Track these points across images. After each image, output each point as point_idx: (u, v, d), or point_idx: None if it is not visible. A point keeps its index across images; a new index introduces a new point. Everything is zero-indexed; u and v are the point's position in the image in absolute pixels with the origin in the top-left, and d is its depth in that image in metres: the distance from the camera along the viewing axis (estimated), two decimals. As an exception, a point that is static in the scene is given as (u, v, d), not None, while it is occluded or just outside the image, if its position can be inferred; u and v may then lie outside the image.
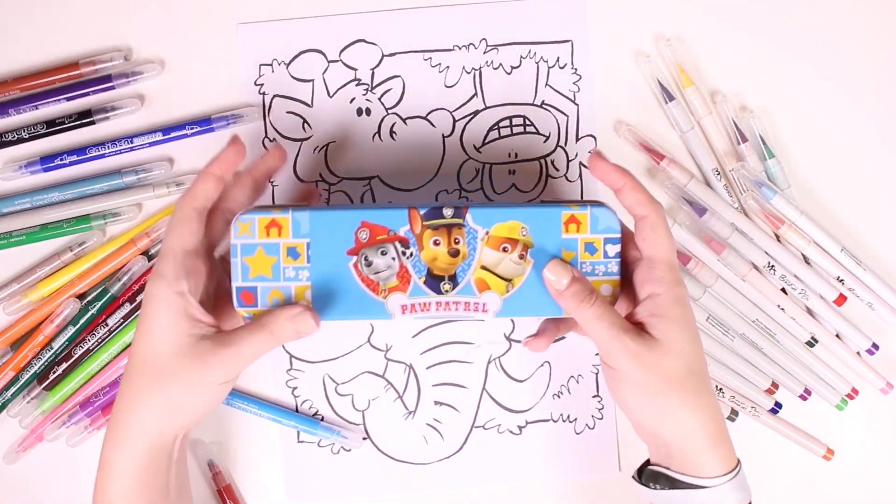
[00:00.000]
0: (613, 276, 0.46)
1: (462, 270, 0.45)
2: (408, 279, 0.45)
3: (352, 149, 0.56)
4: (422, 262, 0.45)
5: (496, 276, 0.45)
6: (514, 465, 0.57)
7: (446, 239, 0.45)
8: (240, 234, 0.44)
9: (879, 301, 0.56)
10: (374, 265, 0.45)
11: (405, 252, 0.45)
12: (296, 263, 0.45)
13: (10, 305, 0.55)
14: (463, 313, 0.45)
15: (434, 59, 0.56)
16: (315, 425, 0.56)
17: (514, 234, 0.45)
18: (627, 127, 0.56)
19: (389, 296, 0.45)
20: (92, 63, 0.55)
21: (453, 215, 0.45)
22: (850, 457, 0.58)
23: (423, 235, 0.45)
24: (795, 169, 0.57)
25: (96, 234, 0.55)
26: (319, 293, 0.45)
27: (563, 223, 0.45)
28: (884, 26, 0.57)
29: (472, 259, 0.45)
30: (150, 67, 0.55)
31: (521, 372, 0.57)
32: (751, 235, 0.55)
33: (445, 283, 0.45)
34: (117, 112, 0.55)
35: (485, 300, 0.45)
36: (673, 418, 0.43)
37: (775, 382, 0.57)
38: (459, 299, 0.45)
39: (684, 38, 0.57)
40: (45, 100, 0.55)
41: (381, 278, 0.45)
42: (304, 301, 0.45)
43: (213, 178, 0.45)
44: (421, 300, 0.45)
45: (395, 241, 0.45)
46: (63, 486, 0.56)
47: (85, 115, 0.55)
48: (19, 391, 0.55)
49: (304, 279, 0.45)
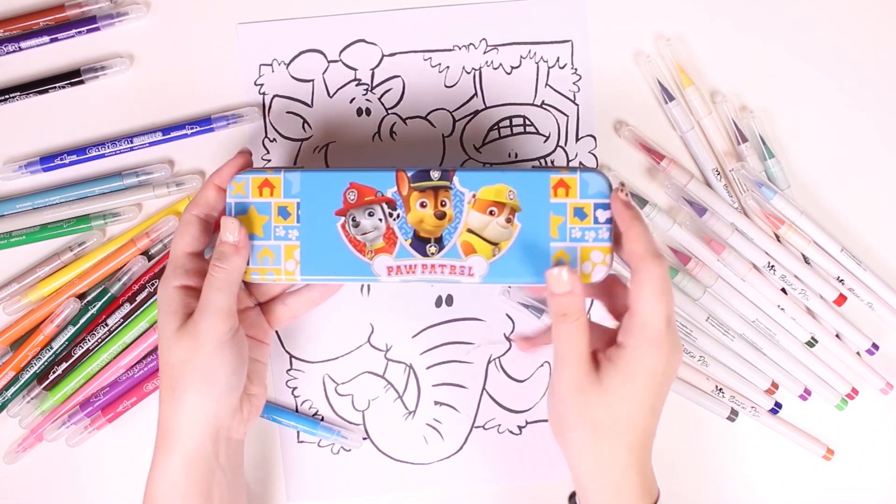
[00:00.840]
0: (604, 243, 0.45)
1: (448, 233, 0.45)
2: (394, 241, 0.45)
3: (352, 149, 0.56)
4: (408, 224, 0.45)
5: (483, 239, 0.45)
6: (514, 465, 0.57)
7: (433, 201, 0.45)
8: (234, 193, 0.46)
9: (879, 301, 0.56)
10: (361, 226, 0.45)
11: (392, 214, 0.45)
12: (286, 223, 0.45)
13: (10, 305, 0.55)
14: (448, 276, 0.45)
15: (434, 59, 0.56)
16: (315, 425, 0.56)
17: (501, 197, 0.45)
18: (627, 127, 0.56)
19: (376, 257, 0.45)
20: (78, 6, 0.55)
21: (440, 178, 0.45)
22: (850, 457, 0.58)
23: (409, 197, 0.45)
24: (795, 169, 0.57)
25: (96, 234, 0.55)
26: (308, 253, 0.45)
27: (551, 187, 0.45)
28: (884, 26, 0.57)
29: (459, 222, 0.45)
30: (135, 9, 0.55)
31: (521, 372, 0.57)
32: (751, 235, 0.55)
33: (431, 246, 0.45)
34: (106, 71, 0.55)
35: (471, 264, 0.45)
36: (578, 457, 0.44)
37: (775, 382, 0.57)
38: (445, 262, 0.45)
39: (684, 38, 0.57)
40: (29, 42, 0.55)
41: (368, 239, 0.45)
42: (294, 260, 0.45)
43: (214, 187, 0.47)
44: (407, 262, 0.45)
45: (383, 203, 0.45)
46: (63, 486, 0.56)
47: (74, 74, 0.55)
48: (19, 391, 0.55)
49: (294, 238, 0.45)
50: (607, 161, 0.57)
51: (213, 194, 0.46)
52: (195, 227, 0.46)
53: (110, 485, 0.56)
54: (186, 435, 0.45)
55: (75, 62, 0.56)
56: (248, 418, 0.48)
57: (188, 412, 0.45)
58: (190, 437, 0.45)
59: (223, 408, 0.45)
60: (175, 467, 0.45)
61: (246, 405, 0.48)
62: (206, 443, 0.45)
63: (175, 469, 0.45)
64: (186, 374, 0.44)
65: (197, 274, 0.46)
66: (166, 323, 0.45)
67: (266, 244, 0.46)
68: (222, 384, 0.45)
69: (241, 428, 0.48)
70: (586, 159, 0.57)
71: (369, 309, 0.56)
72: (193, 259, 0.46)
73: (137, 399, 0.55)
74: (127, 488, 0.56)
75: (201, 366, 0.44)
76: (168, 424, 0.45)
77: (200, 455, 0.45)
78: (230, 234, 0.45)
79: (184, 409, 0.44)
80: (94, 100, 0.56)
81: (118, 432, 0.56)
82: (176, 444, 0.45)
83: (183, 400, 0.44)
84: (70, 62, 0.56)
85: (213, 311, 0.44)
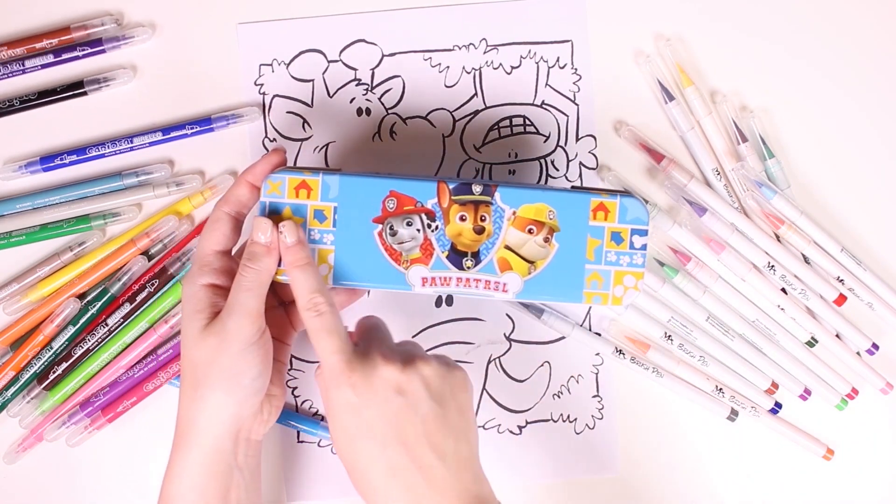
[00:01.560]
0: (638, 269, 0.45)
1: (486, 248, 0.45)
2: (431, 252, 0.45)
3: (352, 149, 0.56)
4: (446, 237, 0.45)
5: (519, 256, 0.45)
6: (514, 465, 0.57)
7: (473, 215, 0.45)
8: (269, 192, 0.45)
9: (879, 301, 0.56)
10: (398, 235, 0.45)
11: (430, 225, 0.45)
12: (322, 226, 0.45)
13: (10, 305, 0.55)
14: (483, 291, 0.45)
15: (434, 59, 0.56)
16: (315, 425, 0.56)
17: (541, 216, 0.45)
18: (627, 127, 0.56)
19: (411, 267, 0.45)
20: (84, 28, 0.55)
21: (482, 192, 0.45)
22: (850, 457, 0.58)
23: (449, 210, 0.45)
24: (795, 169, 0.57)
25: (96, 234, 0.55)
26: (343, 258, 0.45)
27: (591, 210, 0.45)
28: (884, 26, 0.57)
29: (497, 238, 0.45)
30: (141, 31, 0.55)
31: (521, 372, 0.57)
32: (751, 235, 0.55)
33: (468, 260, 0.45)
34: (109, 83, 0.55)
35: (506, 280, 0.45)
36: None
37: (775, 382, 0.57)
38: (480, 277, 0.45)
39: (684, 38, 0.57)
40: (34, 63, 0.54)
41: (405, 249, 0.45)
42: (327, 265, 0.45)
43: (246, 184, 0.46)
44: (442, 274, 0.45)
45: (422, 213, 0.45)
46: (63, 486, 0.56)
47: (77, 85, 0.55)
48: (19, 391, 0.55)
49: (329, 243, 0.45)
50: (607, 161, 0.57)
51: (245, 192, 0.46)
52: (225, 225, 0.45)
53: (110, 485, 0.56)
54: (207, 434, 0.44)
55: (78, 74, 0.55)
56: (269, 419, 0.48)
57: (211, 412, 0.44)
58: (211, 436, 0.44)
59: (246, 409, 0.45)
60: (194, 466, 0.44)
61: (266, 406, 0.47)
62: (226, 443, 0.44)
63: (194, 468, 0.44)
64: (211, 373, 0.44)
65: (224, 273, 0.45)
66: (192, 321, 0.44)
67: None
68: (247, 386, 0.44)
69: (260, 429, 0.47)
70: (586, 159, 0.57)
71: (369, 309, 0.56)
72: (221, 257, 0.46)
73: (137, 399, 0.55)
74: (127, 488, 0.56)
75: (227, 366, 0.43)
76: (188, 423, 0.44)
77: (220, 455, 0.44)
78: (262, 235, 0.44)
79: (206, 409, 0.44)
80: (96, 102, 0.56)
81: (118, 432, 0.56)
82: (196, 443, 0.44)
83: (206, 399, 0.44)
84: (73, 74, 0.55)
85: (243, 311, 0.43)
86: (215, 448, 0.44)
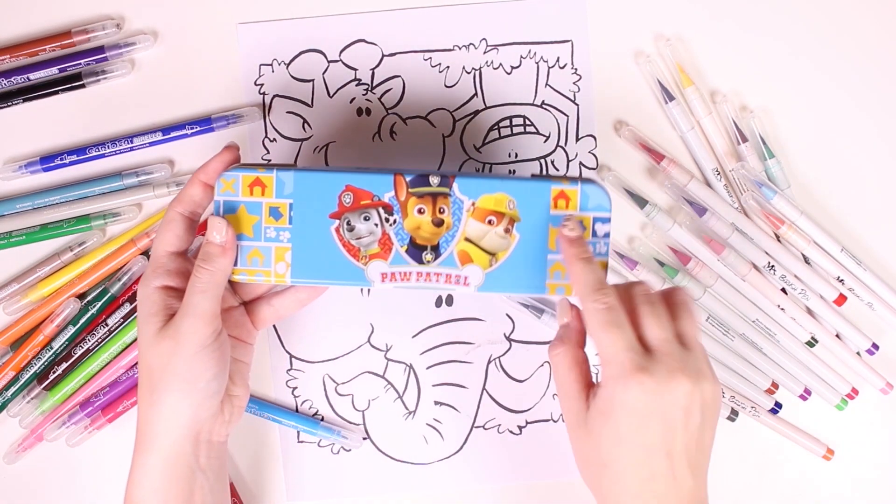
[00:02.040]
0: (602, 258, 0.44)
1: (445, 241, 0.44)
2: (389, 247, 0.44)
3: (352, 149, 0.56)
4: (405, 231, 0.44)
5: (480, 249, 0.44)
6: (514, 465, 0.57)
7: (431, 208, 0.44)
8: (223, 191, 0.44)
9: (879, 301, 0.56)
10: (356, 230, 0.44)
11: (388, 219, 0.44)
12: (277, 224, 0.44)
13: (10, 305, 0.55)
14: (444, 285, 0.44)
15: (434, 59, 0.56)
16: (315, 425, 0.56)
17: (500, 206, 0.44)
18: (627, 127, 0.56)
19: (370, 262, 0.44)
20: (84, 32, 0.55)
21: (440, 184, 0.44)
22: (850, 457, 0.58)
23: (407, 203, 0.44)
24: (795, 169, 0.57)
25: (96, 234, 0.55)
26: (300, 256, 0.44)
27: (552, 198, 0.44)
28: (884, 26, 0.57)
29: (457, 230, 0.44)
30: (143, 38, 0.55)
31: (521, 372, 0.57)
32: (751, 235, 0.55)
33: (428, 254, 0.44)
34: (108, 75, 0.55)
35: (467, 273, 0.44)
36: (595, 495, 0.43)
37: (775, 382, 0.57)
38: (441, 271, 0.44)
39: (684, 38, 0.57)
40: (36, 70, 0.54)
41: (363, 244, 0.44)
42: (284, 262, 0.44)
43: (199, 183, 0.45)
44: (402, 269, 0.44)
45: (379, 207, 0.44)
46: (63, 486, 0.56)
47: (75, 78, 0.55)
48: (19, 391, 0.55)
49: (286, 240, 0.44)
50: (607, 161, 0.57)
51: (198, 191, 0.45)
52: (179, 226, 0.45)
53: (110, 485, 0.56)
54: (166, 438, 0.43)
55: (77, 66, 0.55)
56: (230, 420, 0.47)
57: (168, 416, 0.43)
58: (169, 440, 0.43)
59: (203, 411, 0.44)
60: (154, 472, 0.44)
61: (227, 407, 0.46)
62: (185, 446, 0.44)
63: (154, 473, 0.44)
64: (166, 377, 0.43)
65: (179, 274, 0.45)
66: (146, 324, 0.44)
67: (256, 245, 0.44)
68: (203, 388, 0.43)
69: (222, 430, 0.46)
70: (586, 159, 0.57)
71: (369, 309, 0.56)
72: (176, 258, 0.45)
73: (137, 399, 0.55)
74: (127, 488, 0.56)
75: (182, 369, 0.43)
76: (146, 427, 0.44)
77: (180, 458, 0.44)
78: (217, 235, 0.43)
79: (163, 413, 0.43)
80: (95, 101, 0.56)
81: (118, 432, 0.56)
82: (155, 447, 0.44)
83: (162, 403, 0.43)
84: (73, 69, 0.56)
85: (196, 313, 0.42)
86: (175, 451, 0.44)
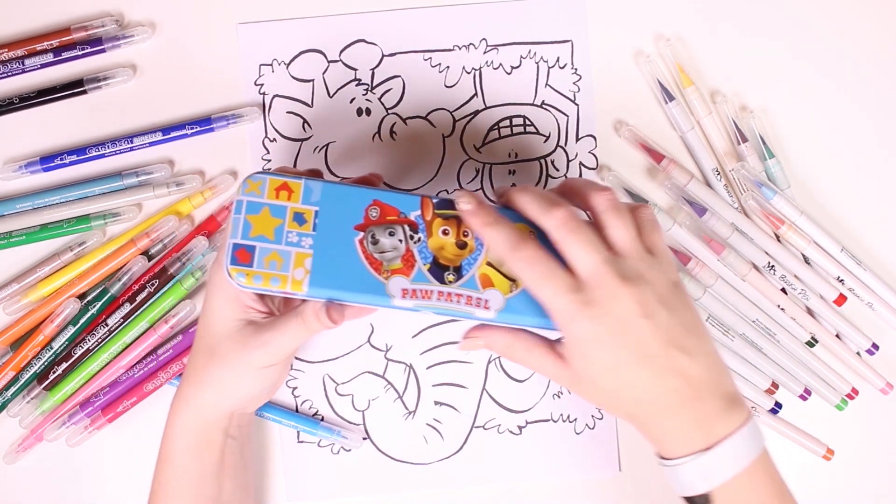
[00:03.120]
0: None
1: (468, 263, 0.44)
2: (412, 264, 0.44)
3: (352, 149, 0.56)
4: (428, 249, 0.44)
5: (501, 274, 0.44)
6: (514, 465, 0.57)
7: (455, 230, 0.44)
8: (248, 191, 0.44)
9: (879, 301, 0.56)
10: (380, 244, 0.44)
11: (413, 236, 0.44)
12: (301, 229, 0.44)
13: (10, 305, 0.55)
14: (464, 307, 0.44)
15: (434, 59, 0.56)
16: (315, 425, 0.56)
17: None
18: (627, 127, 0.56)
19: (391, 278, 0.44)
20: (84, 28, 0.55)
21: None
22: (850, 457, 0.58)
23: (433, 223, 0.44)
24: (795, 169, 0.57)
25: (96, 234, 0.55)
26: (321, 263, 0.43)
27: None
28: (884, 26, 0.57)
29: (479, 254, 0.44)
30: (141, 30, 0.55)
31: (521, 372, 0.57)
32: (751, 235, 0.55)
33: (450, 274, 0.44)
34: (109, 81, 0.55)
35: (488, 297, 0.44)
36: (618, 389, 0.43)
37: (775, 382, 0.57)
38: (462, 292, 0.44)
39: (684, 38, 0.57)
40: (34, 62, 0.55)
41: (386, 258, 0.44)
42: (304, 269, 0.44)
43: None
44: (423, 287, 0.44)
45: (405, 224, 0.44)
46: (63, 486, 0.56)
47: (77, 84, 0.55)
48: (19, 391, 0.55)
49: (307, 246, 0.44)
50: (607, 161, 0.57)
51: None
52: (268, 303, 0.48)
53: (110, 485, 0.56)
54: (210, 406, 0.47)
55: (78, 73, 0.55)
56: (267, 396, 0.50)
57: (220, 388, 0.46)
58: (211, 408, 0.47)
59: (252, 396, 0.48)
60: (190, 433, 0.47)
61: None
62: (224, 415, 0.47)
63: (190, 434, 0.47)
64: (231, 358, 0.46)
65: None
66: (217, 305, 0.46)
67: (276, 248, 0.43)
68: (256, 391, 0.47)
69: (257, 405, 0.50)
70: (586, 159, 0.57)
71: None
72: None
73: (137, 399, 0.55)
74: (127, 488, 0.56)
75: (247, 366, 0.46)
76: (194, 390, 0.47)
77: (219, 422, 0.47)
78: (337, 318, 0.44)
79: (214, 385, 0.46)
80: (95, 101, 0.56)
81: (118, 432, 0.56)
82: (195, 404, 0.47)
83: (215, 375, 0.46)
84: (73, 73, 0.55)
85: (278, 351, 0.45)
86: (215, 416, 0.47)
